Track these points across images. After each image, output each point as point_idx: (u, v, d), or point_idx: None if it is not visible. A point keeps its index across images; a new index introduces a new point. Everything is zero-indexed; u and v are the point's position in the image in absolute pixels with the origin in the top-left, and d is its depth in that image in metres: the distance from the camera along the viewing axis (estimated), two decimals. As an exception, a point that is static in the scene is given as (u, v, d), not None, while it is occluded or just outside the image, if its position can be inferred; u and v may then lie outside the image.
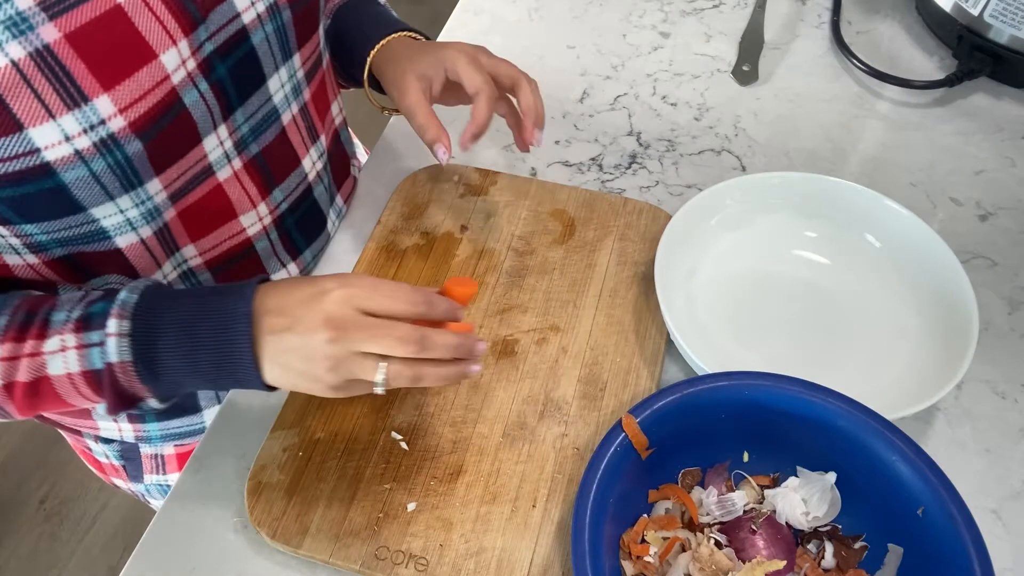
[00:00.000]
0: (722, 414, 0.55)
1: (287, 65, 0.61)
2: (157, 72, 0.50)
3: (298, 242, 0.72)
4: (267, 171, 0.64)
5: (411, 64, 0.66)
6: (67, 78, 0.47)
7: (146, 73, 0.50)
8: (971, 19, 0.84)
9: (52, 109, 0.47)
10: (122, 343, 0.49)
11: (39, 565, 1.51)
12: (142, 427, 0.73)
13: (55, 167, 0.48)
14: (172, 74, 0.51)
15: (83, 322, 0.50)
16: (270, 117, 0.62)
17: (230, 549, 0.58)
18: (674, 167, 0.81)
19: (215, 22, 0.54)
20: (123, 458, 0.77)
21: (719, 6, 0.98)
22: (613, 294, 0.68)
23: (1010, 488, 0.59)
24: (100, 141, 0.49)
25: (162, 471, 0.78)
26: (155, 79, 0.50)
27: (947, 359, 0.60)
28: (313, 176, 0.70)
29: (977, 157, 0.81)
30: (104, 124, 0.49)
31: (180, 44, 0.51)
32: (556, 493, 0.58)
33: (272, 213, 0.67)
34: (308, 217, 0.72)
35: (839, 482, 0.54)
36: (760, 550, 0.52)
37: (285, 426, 0.61)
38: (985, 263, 0.72)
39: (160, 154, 0.53)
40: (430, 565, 0.55)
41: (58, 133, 0.47)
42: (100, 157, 0.50)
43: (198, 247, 0.63)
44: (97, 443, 0.77)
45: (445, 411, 0.62)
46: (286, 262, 0.71)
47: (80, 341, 0.50)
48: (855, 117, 0.85)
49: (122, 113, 0.49)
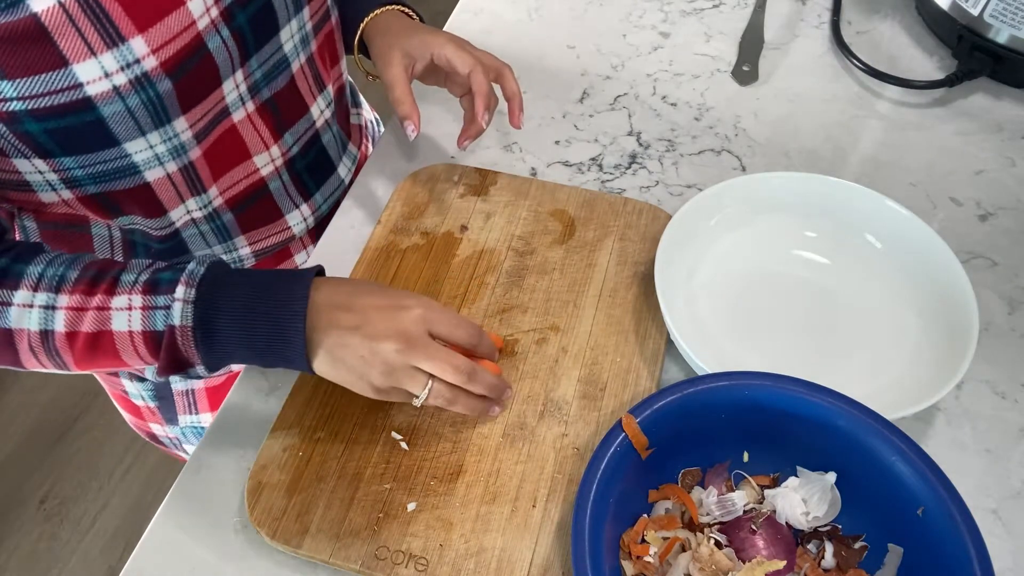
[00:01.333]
0: (722, 414, 0.55)
1: (297, 17, 0.66)
2: (184, 17, 0.55)
3: (308, 185, 0.77)
4: (278, 115, 0.69)
5: (398, 40, 0.70)
6: (106, 19, 0.51)
7: (175, 18, 0.55)
8: (971, 19, 0.84)
9: (94, 47, 0.51)
10: (186, 309, 0.53)
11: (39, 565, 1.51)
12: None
13: (96, 101, 0.53)
14: (198, 20, 0.56)
15: (151, 285, 0.54)
16: (280, 65, 0.67)
17: (230, 549, 0.58)
18: (674, 167, 0.81)
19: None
20: (157, 398, 0.81)
21: (719, 6, 0.98)
22: (613, 294, 0.68)
23: (1010, 488, 0.59)
24: (135, 79, 0.54)
25: (194, 410, 0.81)
26: (183, 24, 0.55)
27: (947, 359, 0.60)
28: (321, 123, 0.76)
29: (977, 157, 0.81)
30: (139, 63, 0.53)
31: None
32: (556, 493, 0.58)
33: (284, 155, 0.72)
34: (318, 162, 0.77)
35: (839, 482, 0.54)
36: (760, 550, 0.52)
37: (285, 426, 0.61)
38: (985, 263, 0.72)
39: (187, 93, 0.58)
40: (430, 565, 0.55)
41: (98, 69, 0.52)
42: (135, 93, 0.54)
43: (219, 186, 0.67)
44: (132, 382, 0.80)
45: (445, 411, 0.62)
46: (299, 203, 0.77)
47: (146, 303, 0.54)
48: (855, 117, 0.85)
49: (154, 53, 0.54)
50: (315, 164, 0.77)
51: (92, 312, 0.54)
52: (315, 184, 0.78)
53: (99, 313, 0.54)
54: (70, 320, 0.54)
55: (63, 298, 0.54)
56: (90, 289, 0.54)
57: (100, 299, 0.54)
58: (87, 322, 0.54)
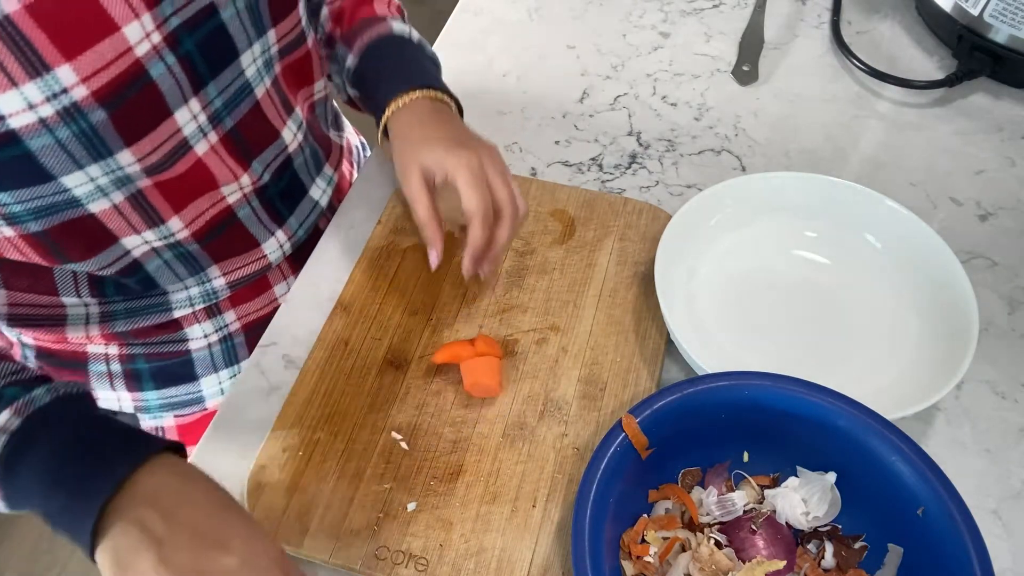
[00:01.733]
0: (722, 414, 0.55)
1: (260, 41, 0.62)
2: (119, 44, 0.51)
3: (281, 211, 0.74)
4: (244, 144, 0.65)
5: (416, 153, 0.63)
6: (28, 47, 0.48)
7: (108, 44, 0.51)
8: (971, 19, 0.84)
9: (14, 77, 0.48)
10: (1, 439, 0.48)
11: (39, 565, 1.51)
12: (140, 395, 0.75)
13: (21, 134, 0.49)
14: (135, 46, 0.52)
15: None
16: (243, 91, 0.63)
17: (230, 549, 0.58)
18: (674, 167, 0.81)
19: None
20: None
21: (719, 6, 0.98)
22: (613, 294, 0.68)
23: (1010, 488, 0.59)
24: (63, 109, 0.50)
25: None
26: (117, 50, 0.51)
27: (947, 359, 0.60)
28: (294, 147, 0.72)
29: (977, 157, 0.81)
30: (66, 93, 0.50)
31: (143, 17, 0.52)
32: (556, 493, 0.58)
33: (254, 184, 0.68)
34: (291, 187, 0.74)
35: (839, 482, 0.54)
36: (760, 550, 0.52)
37: (285, 426, 0.61)
38: (985, 263, 0.72)
39: (128, 124, 0.54)
40: (430, 565, 0.55)
41: (21, 101, 0.48)
42: (64, 125, 0.51)
43: (182, 218, 0.63)
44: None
45: (445, 411, 0.62)
46: (273, 230, 0.73)
47: None
48: (855, 117, 0.85)
49: (84, 82, 0.50)
50: (287, 189, 0.73)
51: None
52: (288, 209, 0.74)
53: None
54: None
55: None
56: None
57: None
58: None
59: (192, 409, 0.77)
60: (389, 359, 0.65)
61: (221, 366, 0.76)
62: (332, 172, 0.80)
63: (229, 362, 0.76)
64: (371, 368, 0.65)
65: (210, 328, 0.75)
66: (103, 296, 0.67)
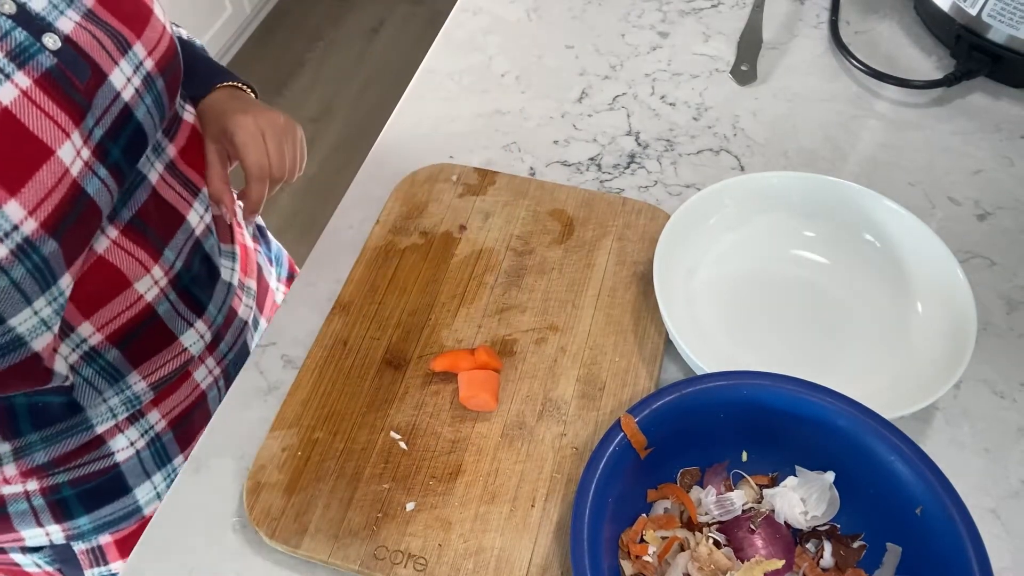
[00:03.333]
0: (721, 414, 0.55)
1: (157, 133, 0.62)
2: (57, 168, 0.50)
3: (200, 298, 0.70)
4: (150, 232, 0.63)
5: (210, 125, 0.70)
6: None
7: (46, 171, 0.50)
8: (969, 19, 0.84)
9: None
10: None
11: (38, 565, 1.50)
12: (70, 524, 0.69)
13: None
14: (70, 167, 0.51)
15: None
16: (136, 179, 0.61)
17: (229, 549, 0.58)
18: (673, 167, 0.81)
19: (99, 106, 0.54)
20: (57, 562, 0.72)
21: (717, 6, 0.98)
22: (612, 294, 0.68)
23: (1009, 488, 0.59)
24: (17, 247, 0.48)
25: (103, 562, 0.73)
26: (56, 175, 0.50)
27: (945, 359, 0.60)
28: (201, 230, 0.70)
29: (976, 157, 0.81)
30: (17, 229, 0.48)
31: (73, 136, 0.52)
32: (555, 493, 0.58)
33: (167, 274, 0.65)
34: (203, 271, 0.71)
35: (838, 481, 0.54)
36: (759, 549, 0.52)
37: (284, 426, 0.61)
38: (984, 263, 0.72)
39: (71, 247, 0.53)
40: (429, 565, 0.55)
41: None
42: (19, 263, 0.49)
43: (94, 322, 0.60)
44: (25, 555, 0.71)
45: (444, 411, 0.62)
46: (192, 321, 0.70)
47: None
48: (854, 117, 0.85)
49: (32, 215, 0.49)
50: (200, 274, 0.70)
51: None
52: (206, 296, 0.71)
53: None
54: None
55: None
56: None
57: None
58: None
59: (128, 523, 0.72)
60: (388, 359, 0.65)
61: (153, 470, 0.71)
62: (232, 246, 0.77)
63: (161, 463, 0.71)
64: (370, 368, 0.65)
65: (135, 434, 0.69)
66: (16, 435, 0.62)
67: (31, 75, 0.50)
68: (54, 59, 0.51)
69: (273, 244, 0.92)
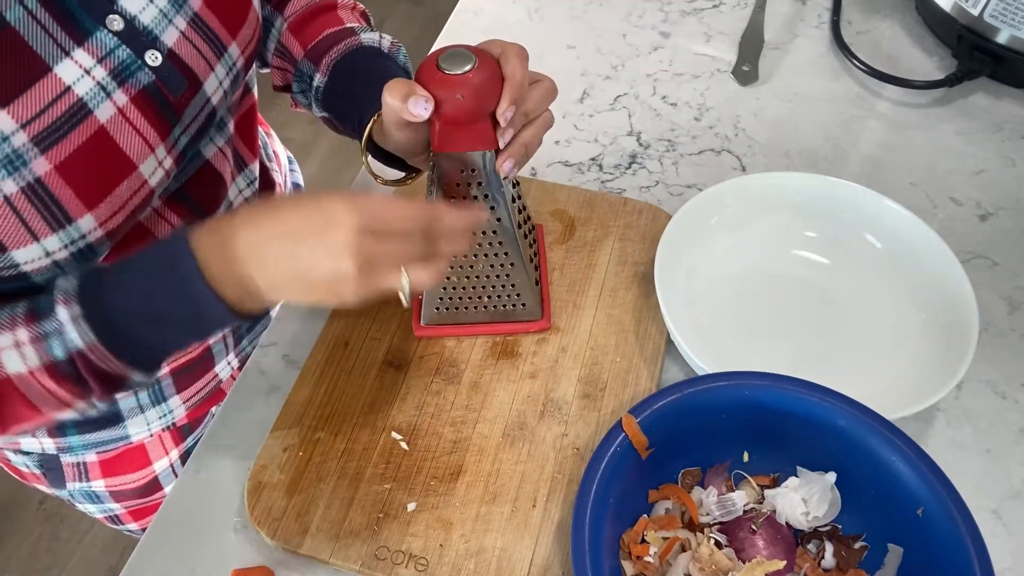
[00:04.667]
0: (722, 414, 0.55)
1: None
2: (136, 183, 0.52)
3: None
4: (194, 205, 0.63)
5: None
6: (55, 206, 0.48)
7: (125, 186, 0.51)
8: (971, 19, 0.84)
9: (37, 233, 0.48)
10: (80, 326, 0.47)
11: (39, 565, 1.50)
12: (63, 439, 0.70)
13: (31, 274, 0.50)
14: (149, 179, 0.53)
15: (31, 315, 0.48)
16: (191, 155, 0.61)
17: (230, 549, 0.58)
18: (674, 167, 0.81)
19: (189, 115, 0.55)
20: (43, 467, 0.75)
21: (719, 6, 0.98)
22: (613, 294, 0.68)
23: (1010, 488, 0.59)
24: (78, 251, 0.51)
25: (85, 478, 0.75)
26: (133, 189, 0.52)
27: (947, 359, 0.60)
28: (239, 203, 0.69)
29: (977, 157, 0.81)
30: (84, 238, 0.50)
31: (158, 150, 0.53)
32: (556, 493, 0.58)
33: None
34: None
35: (839, 482, 0.54)
36: (760, 550, 0.52)
37: (285, 426, 0.61)
38: (985, 263, 0.72)
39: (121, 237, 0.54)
40: (430, 565, 0.55)
41: (40, 251, 0.49)
42: (73, 260, 0.51)
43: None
44: (16, 455, 0.74)
45: (445, 411, 0.62)
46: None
47: (33, 333, 0.48)
48: (855, 117, 0.85)
49: (101, 226, 0.51)
50: None
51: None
52: None
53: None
54: None
55: None
56: None
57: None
58: None
59: (115, 446, 0.73)
60: (389, 359, 0.65)
61: (148, 407, 0.71)
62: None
63: (156, 401, 0.72)
64: (371, 368, 0.65)
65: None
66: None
67: (129, 93, 0.51)
68: (152, 76, 0.52)
69: None
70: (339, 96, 0.64)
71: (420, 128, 0.55)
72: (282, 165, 0.85)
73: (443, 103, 0.52)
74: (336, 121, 0.67)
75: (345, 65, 0.64)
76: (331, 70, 0.64)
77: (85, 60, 0.49)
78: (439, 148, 0.55)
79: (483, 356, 0.65)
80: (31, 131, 0.46)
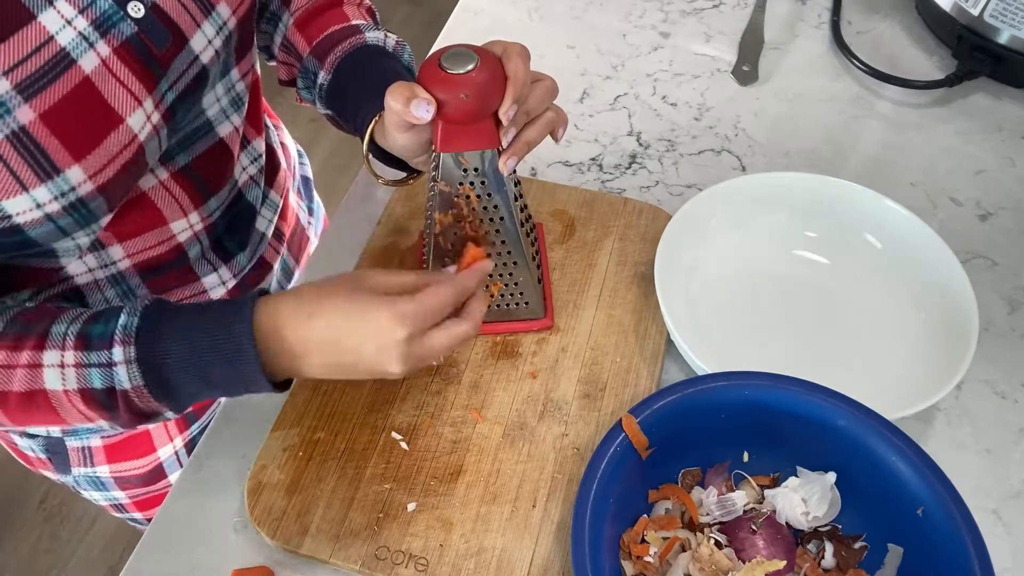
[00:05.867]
0: (722, 414, 0.55)
1: (224, 80, 0.61)
2: (124, 136, 0.52)
3: (229, 246, 0.70)
4: (200, 181, 0.63)
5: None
6: (42, 155, 0.48)
7: (114, 139, 0.51)
8: (971, 19, 0.84)
9: (26, 183, 0.48)
10: (132, 370, 0.49)
11: (39, 565, 1.51)
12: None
13: (24, 227, 0.50)
14: (139, 133, 0.53)
15: (82, 341, 0.50)
16: (201, 130, 0.61)
17: (230, 549, 0.58)
18: (674, 167, 0.81)
19: (176, 71, 0.54)
20: (48, 451, 0.76)
21: (719, 6, 0.98)
22: (613, 294, 0.68)
23: (1010, 488, 0.59)
24: (69, 204, 0.51)
25: (90, 463, 0.76)
26: (122, 143, 0.52)
27: (947, 359, 0.60)
28: (244, 181, 0.70)
29: (977, 157, 0.81)
30: (74, 190, 0.50)
31: (145, 103, 0.52)
32: (556, 493, 0.58)
33: (204, 221, 0.66)
34: (239, 221, 0.71)
35: (839, 482, 0.54)
36: (760, 550, 0.52)
37: (285, 426, 0.61)
38: (985, 263, 0.72)
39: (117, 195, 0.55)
40: (430, 565, 0.55)
41: (30, 202, 0.49)
42: (67, 216, 0.51)
43: (125, 248, 0.62)
44: (23, 438, 0.75)
45: (445, 411, 0.62)
46: (217, 266, 0.70)
47: (79, 359, 0.50)
48: (855, 117, 0.85)
49: (91, 179, 0.51)
50: (235, 223, 0.70)
51: (20, 370, 0.50)
52: (237, 245, 0.71)
53: (29, 371, 0.50)
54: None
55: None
56: (17, 344, 0.50)
57: (29, 356, 0.50)
58: (16, 381, 0.50)
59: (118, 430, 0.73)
60: (389, 359, 0.65)
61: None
62: (278, 198, 0.77)
63: None
64: (371, 368, 0.64)
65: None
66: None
67: (111, 44, 0.51)
68: (135, 27, 0.52)
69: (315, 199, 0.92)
70: (342, 95, 0.65)
71: (422, 130, 0.55)
72: (291, 157, 0.85)
73: (446, 103, 0.52)
74: (339, 119, 0.67)
75: (349, 64, 0.64)
76: (335, 69, 0.64)
77: (67, 10, 0.49)
78: (442, 148, 0.55)
79: (483, 356, 0.65)
80: (14, 78, 0.46)
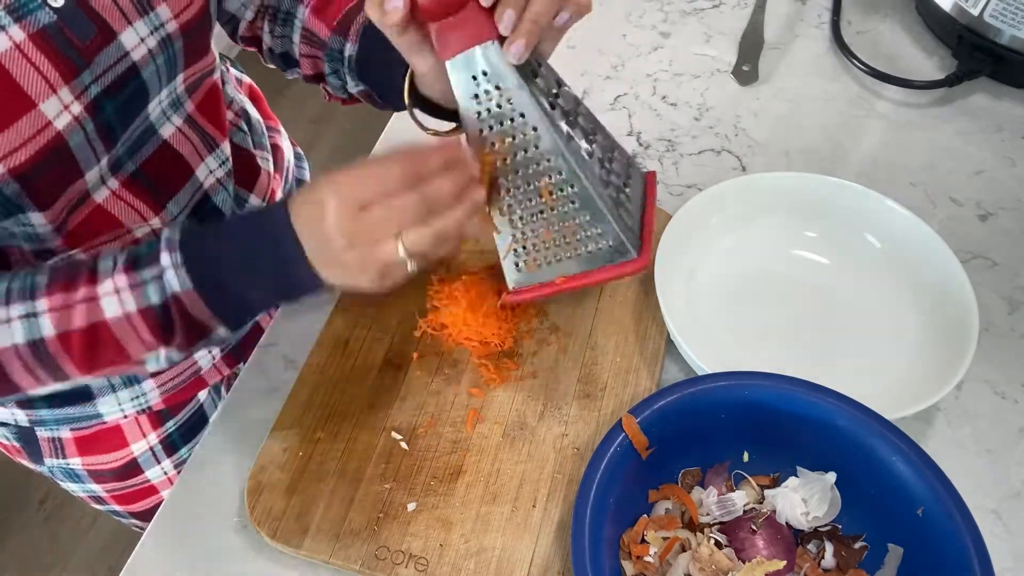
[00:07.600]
0: (722, 414, 0.55)
1: (168, 86, 0.61)
2: (37, 120, 0.51)
3: None
4: (153, 185, 0.63)
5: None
6: None
7: (26, 122, 0.51)
8: (971, 19, 0.84)
9: None
10: (180, 273, 0.50)
11: (39, 565, 1.51)
12: (34, 412, 0.71)
13: None
14: (54, 120, 0.52)
15: (131, 263, 0.52)
16: (146, 134, 0.61)
17: (230, 549, 0.58)
18: (674, 167, 0.81)
19: (101, 64, 0.54)
20: (21, 440, 0.76)
21: (719, 6, 0.98)
22: (613, 294, 0.68)
23: (1010, 488, 0.59)
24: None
25: (61, 455, 0.76)
26: (35, 127, 0.51)
27: (947, 359, 0.60)
28: (211, 183, 0.69)
29: (977, 157, 0.81)
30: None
31: (61, 91, 0.52)
32: (556, 493, 0.58)
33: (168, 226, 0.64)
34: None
35: (839, 482, 0.54)
36: (760, 550, 0.52)
37: (285, 426, 0.61)
38: (985, 263, 0.72)
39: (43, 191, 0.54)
40: (430, 565, 0.55)
41: None
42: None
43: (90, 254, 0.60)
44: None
45: (445, 411, 0.62)
46: None
47: (132, 280, 0.51)
48: (855, 117, 0.85)
49: (2, 160, 0.50)
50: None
51: (79, 306, 0.51)
52: None
53: (87, 305, 0.51)
54: (58, 321, 0.51)
55: (41, 302, 0.51)
56: (69, 284, 0.51)
57: (84, 291, 0.51)
58: (77, 318, 0.51)
59: (90, 423, 0.73)
60: (389, 359, 0.65)
61: (120, 387, 0.71)
62: (259, 201, 0.77)
63: (128, 383, 0.72)
64: (371, 368, 0.65)
65: None
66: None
67: (27, 29, 0.50)
68: (53, 16, 0.52)
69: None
70: (371, 60, 0.65)
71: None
72: (285, 160, 0.85)
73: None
74: (372, 90, 0.67)
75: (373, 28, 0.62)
76: (361, 36, 0.65)
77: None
78: (441, 53, 0.50)
79: (483, 356, 0.65)
80: None
